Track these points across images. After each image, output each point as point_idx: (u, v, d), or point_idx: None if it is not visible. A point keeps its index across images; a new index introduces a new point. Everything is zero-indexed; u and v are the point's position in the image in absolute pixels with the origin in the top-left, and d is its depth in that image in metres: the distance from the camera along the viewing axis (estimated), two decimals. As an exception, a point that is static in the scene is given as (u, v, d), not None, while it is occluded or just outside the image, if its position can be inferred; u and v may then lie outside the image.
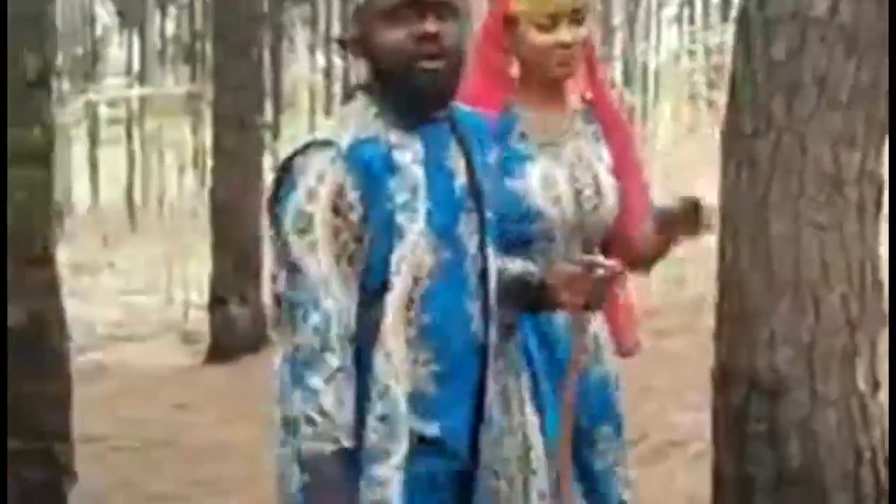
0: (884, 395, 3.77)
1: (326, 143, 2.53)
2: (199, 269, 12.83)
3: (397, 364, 2.50)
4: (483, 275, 2.62)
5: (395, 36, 2.52)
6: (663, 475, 6.36)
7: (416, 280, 2.53)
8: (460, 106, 2.68)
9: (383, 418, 2.49)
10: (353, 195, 2.49)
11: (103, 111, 23.80)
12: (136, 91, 21.31)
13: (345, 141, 2.52)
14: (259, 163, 11.08)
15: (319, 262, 2.47)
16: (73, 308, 6.28)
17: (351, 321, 2.47)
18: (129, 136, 21.88)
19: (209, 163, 11.93)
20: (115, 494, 6.64)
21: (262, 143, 11.34)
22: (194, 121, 20.08)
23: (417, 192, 2.54)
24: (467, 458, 2.62)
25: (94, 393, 8.76)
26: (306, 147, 2.55)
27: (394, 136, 2.55)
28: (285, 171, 2.55)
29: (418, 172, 2.55)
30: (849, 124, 3.72)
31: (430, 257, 2.54)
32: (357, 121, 2.56)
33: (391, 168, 2.53)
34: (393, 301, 2.50)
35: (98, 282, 14.38)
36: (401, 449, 2.49)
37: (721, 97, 15.63)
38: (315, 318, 2.45)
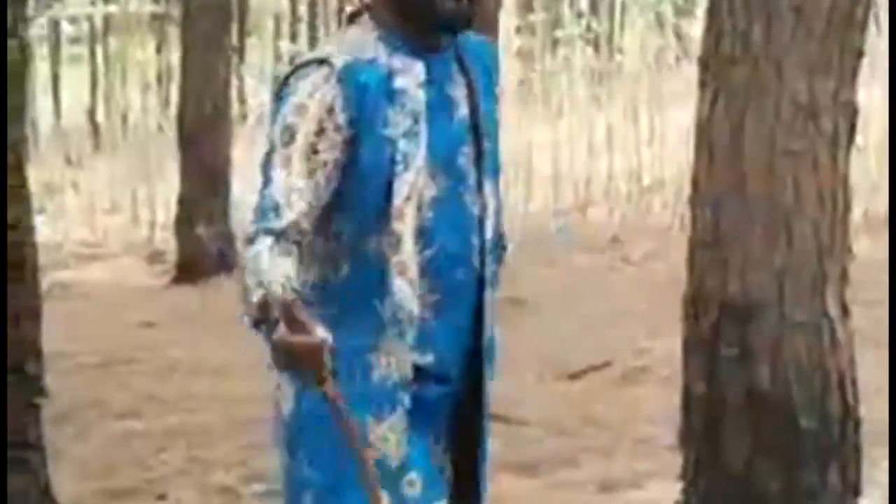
0: (854, 322, 3.84)
1: (321, 62, 2.53)
2: (165, 189, 12.80)
3: (416, 290, 2.55)
4: (482, 208, 2.64)
5: None
6: (632, 399, 6.44)
7: (418, 208, 2.55)
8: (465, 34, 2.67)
9: (411, 347, 2.55)
10: (342, 116, 2.50)
11: (66, 29, 23.54)
12: (100, 9, 21.07)
13: (340, 61, 2.52)
14: (227, 84, 11.02)
15: (289, 175, 2.49)
16: (38, 227, 6.28)
17: (305, 228, 2.50)
18: (93, 54, 21.67)
19: (174, 82, 11.87)
20: (85, 412, 6.67)
21: (229, 66, 11.27)
22: (159, 40, 19.90)
23: (419, 118, 2.54)
24: (457, 383, 2.65)
25: (59, 311, 8.77)
26: (302, 66, 2.56)
27: (396, 61, 2.55)
28: (281, 90, 2.56)
29: (421, 97, 2.55)
30: (824, 53, 3.76)
31: (431, 186, 2.56)
32: (357, 43, 2.56)
33: (391, 93, 2.53)
34: (407, 229, 2.53)
35: (63, 201, 14.31)
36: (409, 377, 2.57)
37: (689, 26, 15.61)
38: (277, 224, 2.47)
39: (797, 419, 3.74)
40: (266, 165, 2.53)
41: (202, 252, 10.37)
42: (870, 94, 10.51)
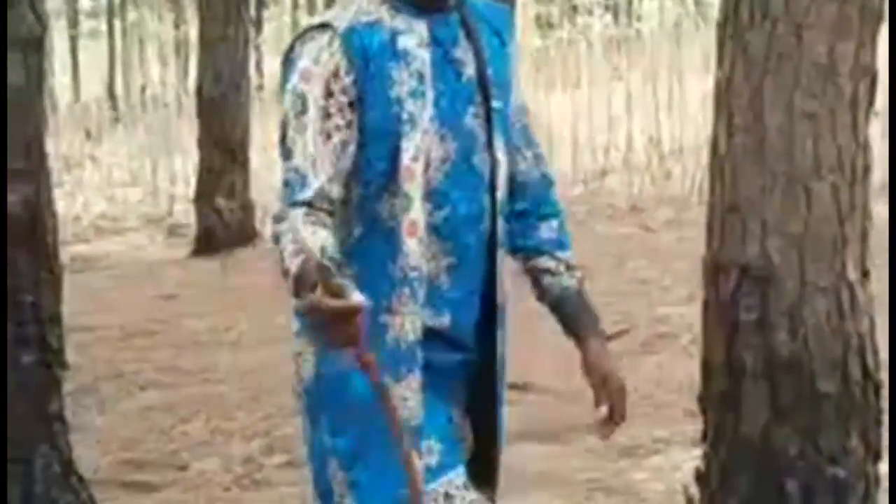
0: (874, 286, 3.82)
1: (324, 26, 2.55)
2: (184, 162, 12.82)
3: (427, 249, 2.55)
4: (493, 168, 2.63)
5: None
6: (653, 366, 6.44)
7: (427, 169, 2.55)
8: None
9: (424, 307, 2.55)
10: (347, 79, 2.51)
11: (83, 3, 23.59)
12: (117, -17, 21.09)
13: (342, 24, 2.54)
14: (245, 56, 11.02)
15: (307, 144, 2.50)
16: (57, 200, 6.28)
17: (334, 196, 2.51)
18: (111, 28, 21.70)
19: (192, 56, 11.85)
20: (106, 384, 6.70)
21: (247, 37, 11.26)
22: (176, 13, 19.92)
23: (424, 77, 2.55)
24: (473, 350, 2.66)
25: (80, 284, 8.80)
26: (305, 32, 2.58)
27: (399, 22, 2.56)
28: (288, 58, 2.58)
29: (425, 57, 2.55)
30: (844, 15, 3.73)
31: (439, 146, 2.56)
32: (360, 6, 2.58)
33: (395, 53, 2.54)
34: (416, 190, 2.53)
35: (82, 175, 14.35)
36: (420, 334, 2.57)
37: (708, -7, 15.49)
38: (304, 195, 2.47)
39: (817, 383, 3.73)
40: (284, 138, 2.54)
41: (222, 224, 10.40)
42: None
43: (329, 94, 2.51)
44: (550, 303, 2.74)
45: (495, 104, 2.63)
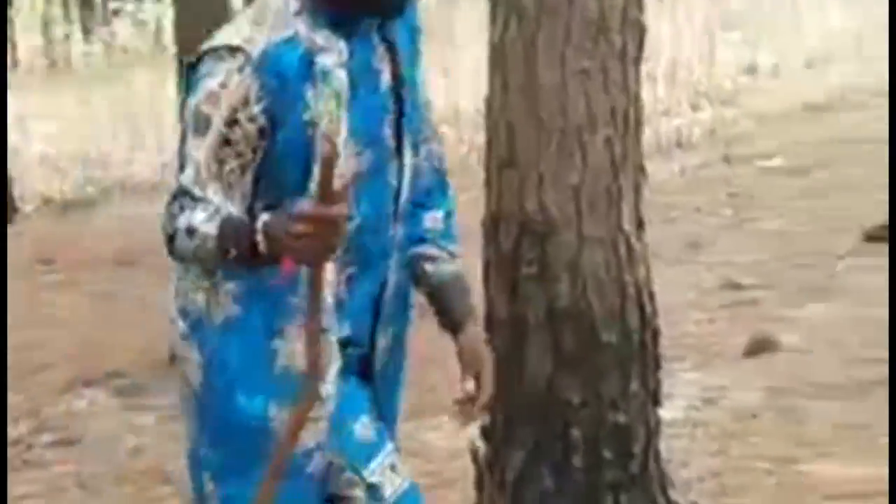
0: (648, 236, 3.92)
1: (236, 49, 2.43)
2: None
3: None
4: (399, 174, 2.59)
5: None
6: (433, 329, 6.47)
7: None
8: None
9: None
10: (256, 107, 2.41)
11: None
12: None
13: (258, 47, 2.42)
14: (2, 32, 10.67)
15: (199, 164, 2.42)
16: None
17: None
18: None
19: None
20: None
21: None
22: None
23: (341, 98, 2.46)
24: (367, 347, 2.67)
25: None
26: (213, 51, 2.45)
27: (318, 38, 2.46)
28: (194, 67, 2.47)
29: (343, 77, 2.47)
30: (611, -28, 3.80)
31: (354, 163, 2.49)
32: (275, 18, 2.46)
33: (311, 74, 2.44)
34: None
35: None
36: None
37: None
38: (189, 203, 2.42)
39: (598, 332, 3.82)
40: (182, 147, 2.48)
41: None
42: (659, 27, 10.83)
43: (234, 122, 2.42)
44: (430, 286, 2.71)
45: (406, 109, 2.58)
